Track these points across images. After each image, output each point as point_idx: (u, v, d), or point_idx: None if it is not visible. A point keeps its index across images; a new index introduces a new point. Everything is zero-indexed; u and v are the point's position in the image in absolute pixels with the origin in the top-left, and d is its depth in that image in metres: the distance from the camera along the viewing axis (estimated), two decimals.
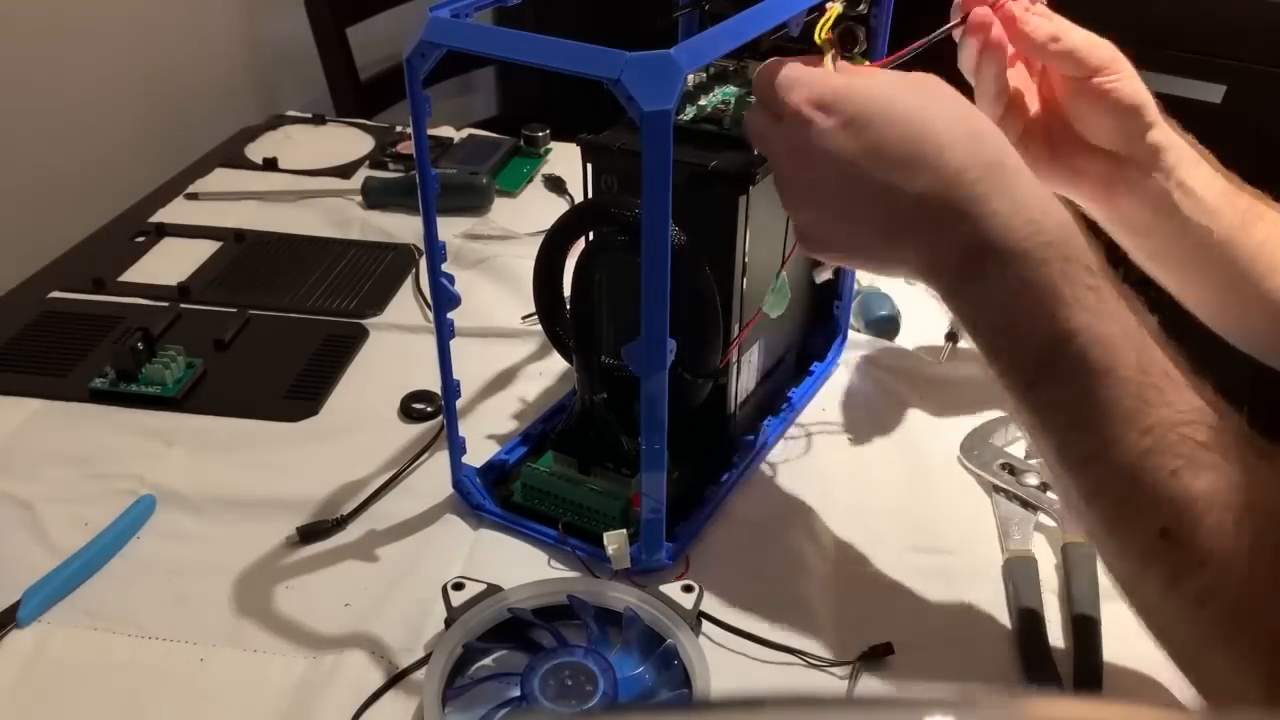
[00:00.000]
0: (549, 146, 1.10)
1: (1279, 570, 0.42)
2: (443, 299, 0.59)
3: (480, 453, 0.69)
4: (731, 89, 0.68)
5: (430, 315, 0.83)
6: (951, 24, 0.62)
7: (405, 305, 0.86)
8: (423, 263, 0.91)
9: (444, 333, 0.60)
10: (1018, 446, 0.71)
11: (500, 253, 0.92)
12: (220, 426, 0.72)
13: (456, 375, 0.77)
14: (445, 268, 0.90)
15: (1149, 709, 0.20)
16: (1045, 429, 0.47)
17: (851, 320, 0.83)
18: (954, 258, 0.48)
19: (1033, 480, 0.67)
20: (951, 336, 0.81)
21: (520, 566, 0.61)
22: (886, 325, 0.80)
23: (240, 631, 0.57)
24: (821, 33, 0.55)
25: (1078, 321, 0.46)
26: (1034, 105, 0.66)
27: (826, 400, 0.75)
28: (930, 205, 0.48)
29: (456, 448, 0.63)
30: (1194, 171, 0.64)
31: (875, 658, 0.54)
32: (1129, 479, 0.44)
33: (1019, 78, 0.65)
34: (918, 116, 0.49)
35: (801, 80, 0.51)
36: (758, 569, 0.61)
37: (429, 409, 0.73)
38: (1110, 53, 0.63)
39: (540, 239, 0.95)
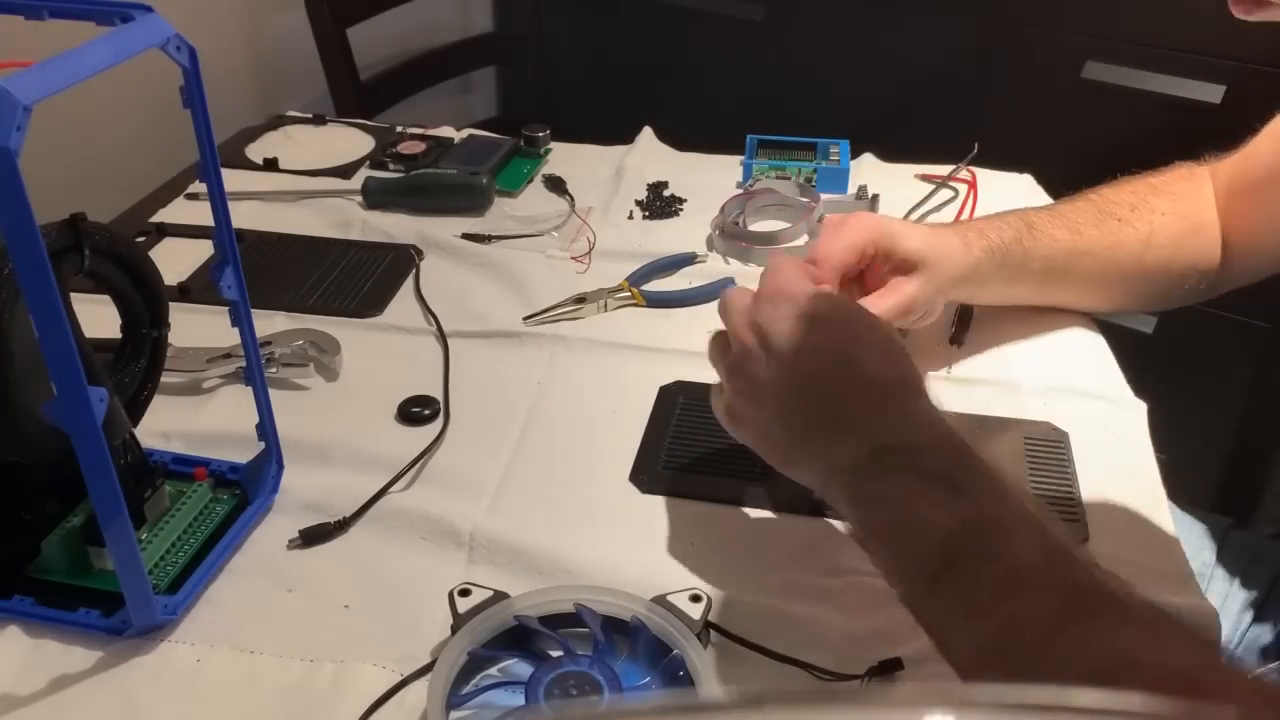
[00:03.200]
0: (549, 147, 1.10)
1: None
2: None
3: (480, 455, 0.69)
4: None
5: (431, 318, 0.83)
6: None
7: (405, 306, 0.86)
8: (423, 264, 0.91)
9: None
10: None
11: (500, 253, 0.92)
12: None
13: (455, 377, 0.77)
14: (445, 267, 0.90)
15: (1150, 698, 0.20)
16: (952, 625, 0.48)
17: None
18: (857, 456, 0.52)
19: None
20: (956, 340, 0.81)
21: (525, 573, 0.60)
22: None
23: (240, 633, 0.57)
24: None
25: (975, 506, 0.48)
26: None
27: None
28: (843, 404, 0.53)
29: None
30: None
31: (884, 673, 0.54)
32: (1045, 650, 0.44)
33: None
34: (841, 323, 0.57)
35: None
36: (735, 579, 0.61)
37: (427, 412, 0.73)
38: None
39: (542, 239, 0.95)
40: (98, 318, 0.59)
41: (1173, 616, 0.45)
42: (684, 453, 0.70)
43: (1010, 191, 1.03)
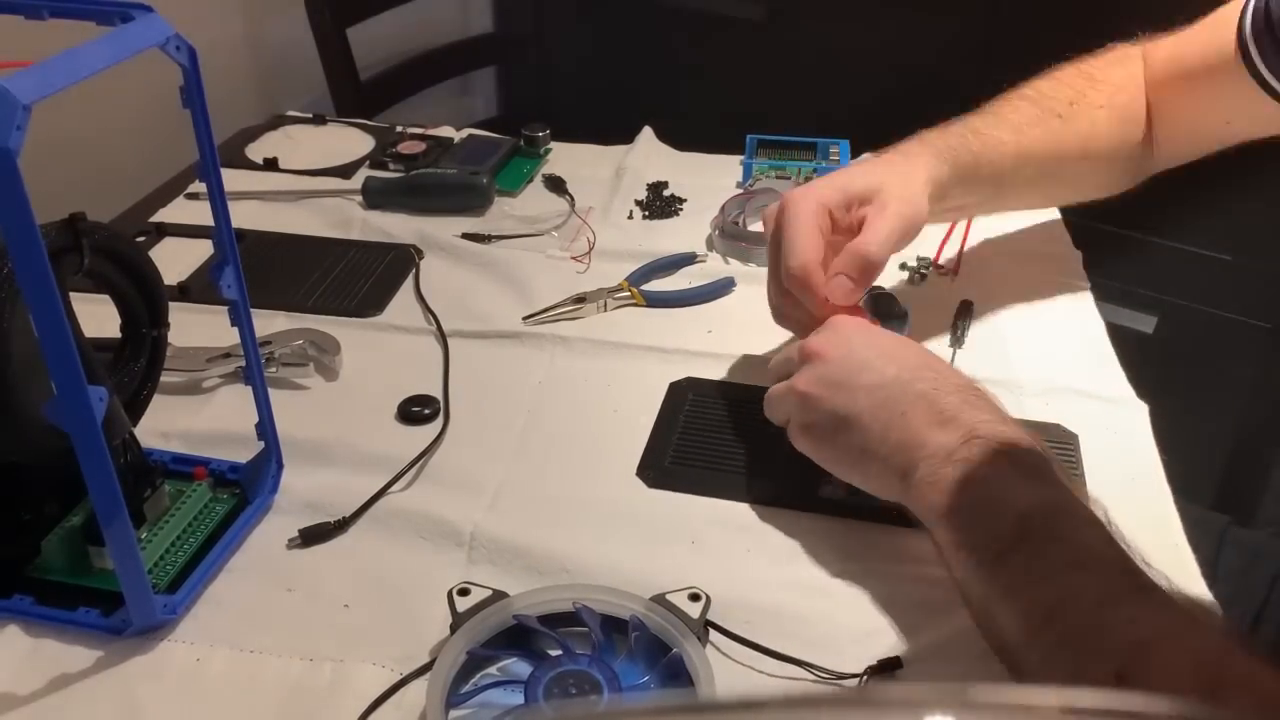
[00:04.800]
0: (549, 147, 1.10)
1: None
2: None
3: (480, 455, 0.69)
4: None
5: (431, 318, 0.83)
6: None
7: (405, 306, 0.86)
8: (423, 264, 0.91)
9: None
10: None
11: (500, 253, 0.92)
12: None
13: (455, 377, 0.77)
14: (445, 267, 0.90)
15: (1154, 697, 0.20)
16: (1012, 593, 0.51)
17: None
18: (951, 442, 0.56)
19: None
20: (956, 340, 0.81)
21: (524, 572, 0.60)
22: (896, 325, 0.79)
23: (239, 633, 0.57)
24: None
25: (1053, 493, 0.53)
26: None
27: None
28: (936, 399, 0.58)
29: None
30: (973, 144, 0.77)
31: (884, 671, 0.54)
32: (1090, 627, 0.47)
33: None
34: (919, 348, 0.64)
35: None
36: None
37: (427, 411, 0.73)
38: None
39: (542, 239, 0.95)
40: (98, 318, 0.59)
41: (1211, 611, 0.49)
42: (691, 448, 0.71)
43: None
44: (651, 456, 0.70)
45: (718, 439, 0.71)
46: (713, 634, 0.56)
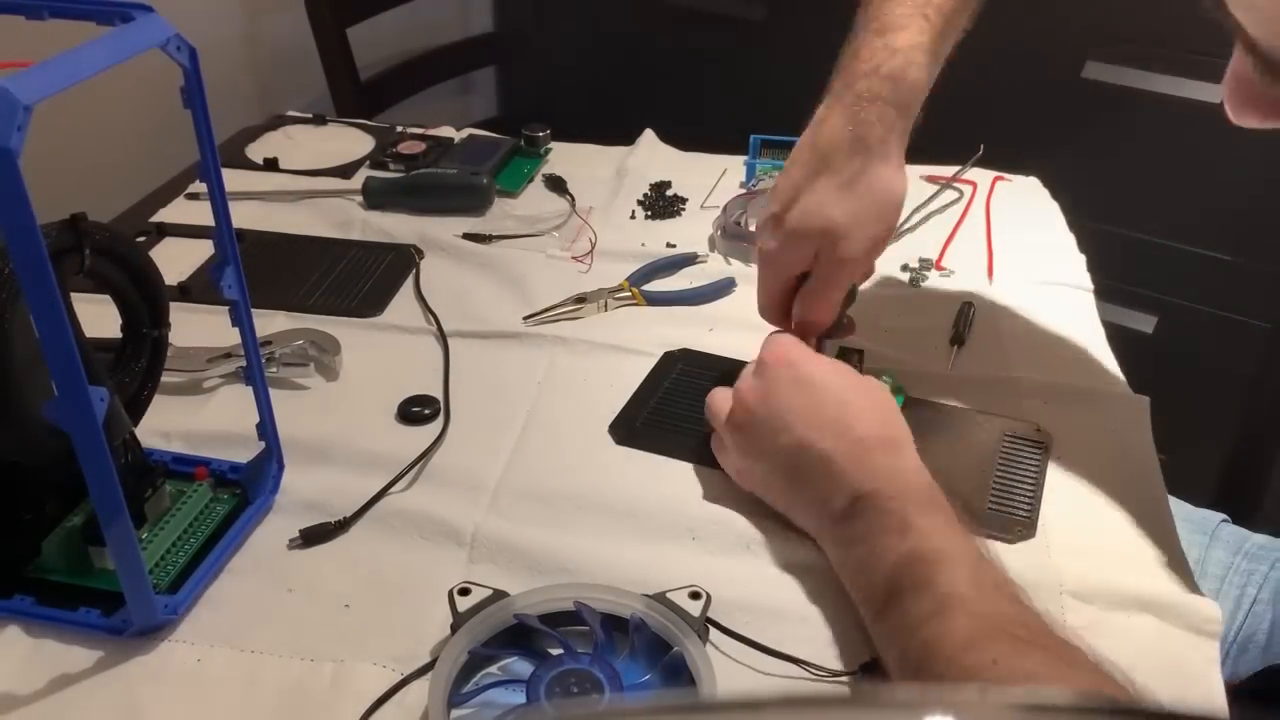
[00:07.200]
0: (549, 146, 1.10)
1: None
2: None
3: (480, 455, 0.69)
4: None
5: (431, 318, 0.83)
6: None
7: (405, 306, 0.86)
8: (423, 264, 0.91)
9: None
10: None
11: (500, 253, 0.92)
12: None
13: (455, 377, 0.77)
14: (445, 267, 0.91)
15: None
16: (890, 649, 0.53)
17: None
18: (840, 504, 0.58)
19: None
20: (957, 340, 0.81)
21: (525, 571, 0.60)
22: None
23: (240, 633, 0.57)
24: None
25: (922, 541, 0.54)
26: None
27: None
28: (832, 461, 0.60)
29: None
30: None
31: (880, 668, 0.54)
32: (955, 668, 0.48)
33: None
34: (838, 389, 0.63)
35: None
36: (756, 579, 0.61)
37: (427, 411, 0.73)
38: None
39: (542, 239, 0.95)
40: (98, 318, 0.59)
41: (1082, 649, 0.48)
42: (668, 413, 0.73)
43: (1017, 193, 1.03)
44: (625, 416, 0.73)
45: (697, 405, 0.70)
46: (713, 632, 0.56)
